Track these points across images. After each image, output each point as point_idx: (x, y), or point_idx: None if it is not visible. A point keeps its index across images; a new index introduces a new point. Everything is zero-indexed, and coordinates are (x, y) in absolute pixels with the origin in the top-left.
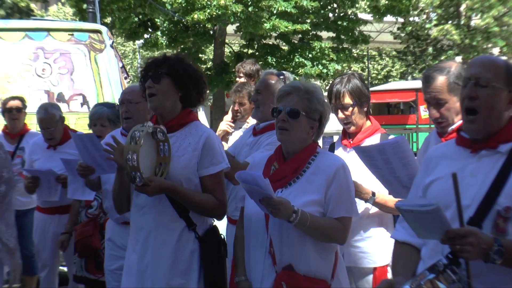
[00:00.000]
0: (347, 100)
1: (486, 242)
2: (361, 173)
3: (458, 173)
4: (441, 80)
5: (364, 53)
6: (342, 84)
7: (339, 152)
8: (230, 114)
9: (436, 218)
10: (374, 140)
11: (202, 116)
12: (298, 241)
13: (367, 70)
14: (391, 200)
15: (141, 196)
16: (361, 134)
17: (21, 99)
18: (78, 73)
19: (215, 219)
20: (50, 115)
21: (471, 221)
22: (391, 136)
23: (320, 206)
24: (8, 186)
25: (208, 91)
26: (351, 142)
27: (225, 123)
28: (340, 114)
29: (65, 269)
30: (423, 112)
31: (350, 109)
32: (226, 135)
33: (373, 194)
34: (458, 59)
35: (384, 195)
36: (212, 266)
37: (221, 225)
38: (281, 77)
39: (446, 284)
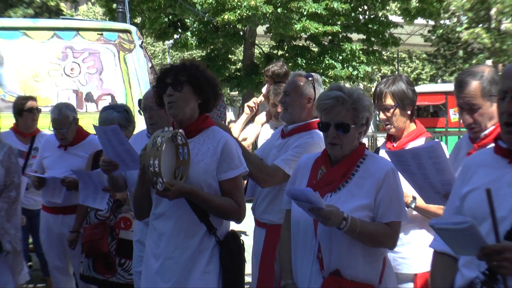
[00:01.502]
0: (389, 101)
1: None
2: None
3: (495, 183)
4: (474, 85)
5: (394, 55)
6: (386, 85)
7: (382, 155)
8: (263, 116)
9: (471, 235)
10: (418, 143)
11: (230, 116)
12: (347, 246)
13: (397, 72)
14: (432, 206)
15: (161, 205)
16: (405, 138)
17: (35, 99)
18: (107, 73)
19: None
20: (63, 116)
21: (508, 235)
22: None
23: (370, 211)
24: (18, 192)
25: (237, 92)
26: (395, 145)
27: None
28: (382, 115)
29: None
30: (453, 115)
31: (391, 110)
32: (250, 116)
33: (414, 198)
34: (489, 62)
35: None
36: (232, 271)
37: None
38: (310, 78)
39: None
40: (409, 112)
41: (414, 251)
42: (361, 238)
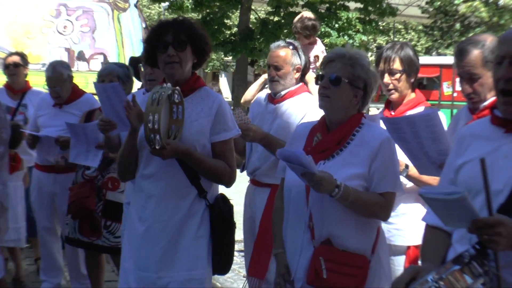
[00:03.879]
0: (397, 65)
1: None
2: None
3: (491, 155)
4: (475, 54)
5: (390, 26)
6: (394, 50)
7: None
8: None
9: (462, 207)
10: (416, 112)
11: (224, 82)
12: (339, 215)
13: None
14: (425, 175)
15: (151, 165)
16: (404, 106)
17: (21, 55)
18: (100, 31)
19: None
20: (57, 74)
21: (502, 209)
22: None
23: (364, 180)
24: (6, 147)
25: (231, 57)
26: (393, 113)
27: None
28: (386, 79)
29: None
30: (446, 88)
31: (398, 75)
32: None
33: (407, 166)
34: None
35: None
36: (223, 235)
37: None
38: (292, 47)
39: (472, 276)
40: (412, 81)
41: (408, 223)
42: (354, 207)
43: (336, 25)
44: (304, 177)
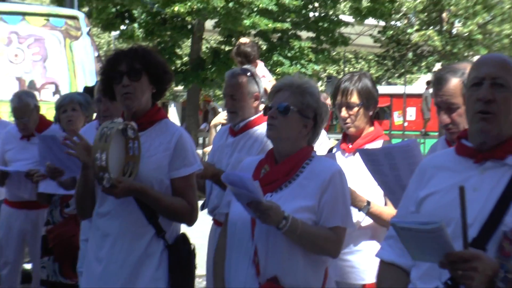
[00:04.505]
0: (354, 98)
1: (492, 268)
2: (358, 181)
3: (457, 187)
4: (454, 82)
5: (341, 55)
6: (352, 82)
7: (337, 156)
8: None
9: (437, 239)
10: (374, 146)
11: (173, 112)
12: (286, 251)
13: (342, 73)
14: (386, 213)
15: (106, 203)
16: (362, 139)
17: None
18: (52, 60)
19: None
20: (24, 104)
21: (474, 243)
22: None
23: (313, 214)
24: None
25: (182, 87)
26: (350, 146)
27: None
28: (344, 113)
29: (28, 266)
30: (397, 118)
31: (356, 109)
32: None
33: (368, 203)
34: (438, 66)
35: (380, 206)
36: (181, 277)
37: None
38: (249, 74)
39: None
40: (370, 113)
41: (363, 260)
42: (302, 241)
43: (289, 54)
44: (250, 207)
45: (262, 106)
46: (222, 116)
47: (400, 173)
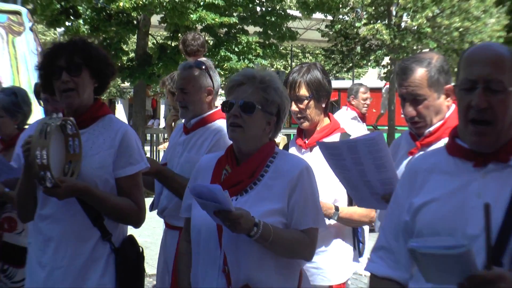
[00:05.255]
0: (303, 91)
1: None
2: (318, 179)
3: (460, 193)
4: (420, 72)
5: (289, 50)
6: (300, 74)
7: (292, 152)
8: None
9: (462, 262)
10: (332, 140)
11: (120, 109)
12: (258, 257)
13: (290, 68)
14: (356, 213)
15: (48, 205)
16: (318, 133)
17: None
18: None
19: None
20: None
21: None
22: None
23: (283, 216)
24: None
25: (129, 83)
26: (306, 142)
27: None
28: (294, 107)
29: None
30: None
31: (305, 102)
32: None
33: (337, 208)
34: (387, 59)
35: (348, 208)
36: (129, 281)
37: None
38: (203, 67)
39: None
40: (323, 105)
41: (329, 261)
42: (274, 247)
43: (236, 49)
44: (218, 216)
45: (218, 102)
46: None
47: (364, 168)
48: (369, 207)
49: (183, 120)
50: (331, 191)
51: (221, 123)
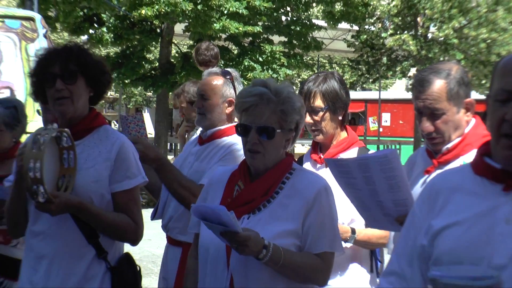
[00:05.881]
0: (318, 102)
1: None
2: (336, 197)
3: (486, 217)
4: (439, 84)
5: (315, 60)
6: (316, 83)
7: (307, 167)
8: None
9: None
10: (349, 155)
11: (147, 118)
12: (267, 281)
13: None
14: (374, 235)
15: (40, 221)
16: (335, 148)
17: None
18: (7, 63)
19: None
20: None
21: None
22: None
23: (297, 238)
24: None
25: (152, 92)
26: (322, 156)
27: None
28: (308, 118)
29: None
30: (372, 123)
31: (321, 113)
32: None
33: (353, 231)
34: (413, 70)
35: (365, 230)
36: None
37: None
38: (228, 77)
39: None
40: (340, 118)
41: (344, 285)
42: (285, 271)
43: (260, 59)
44: (225, 237)
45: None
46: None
47: (376, 188)
48: (382, 228)
49: (198, 131)
50: (348, 210)
51: (237, 139)
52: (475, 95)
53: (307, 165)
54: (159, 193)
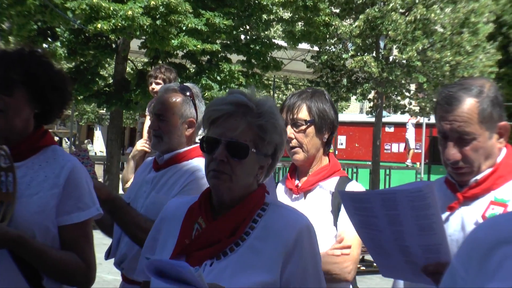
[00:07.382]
0: (303, 114)
1: None
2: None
3: None
4: (469, 104)
5: (270, 81)
6: (301, 97)
7: (281, 198)
8: (145, 136)
9: None
10: (329, 184)
11: (99, 135)
12: None
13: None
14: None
15: None
16: (314, 176)
17: None
18: None
19: None
20: None
21: None
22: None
23: None
24: None
25: (105, 110)
26: (300, 185)
27: (142, 143)
28: (289, 132)
29: None
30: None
31: (303, 127)
32: (143, 156)
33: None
34: (373, 93)
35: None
36: None
37: None
38: (188, 93)
39: None
40: (325, 137)
41: None
42: None
43: (218, 78)
44: None
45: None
46: (139, 144)
47: (403, 229)
48: (400, 278)
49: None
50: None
51: (200, 162)
52: None
53: (280, 194)
54: (112, 230)
